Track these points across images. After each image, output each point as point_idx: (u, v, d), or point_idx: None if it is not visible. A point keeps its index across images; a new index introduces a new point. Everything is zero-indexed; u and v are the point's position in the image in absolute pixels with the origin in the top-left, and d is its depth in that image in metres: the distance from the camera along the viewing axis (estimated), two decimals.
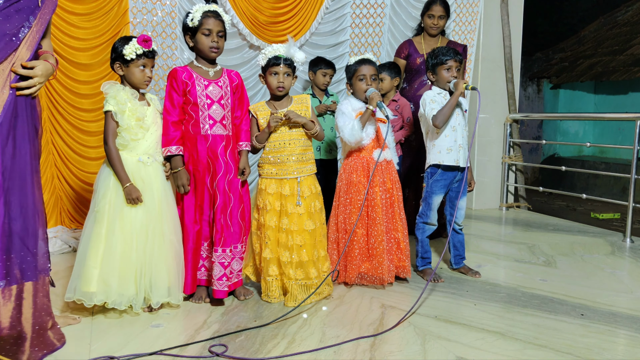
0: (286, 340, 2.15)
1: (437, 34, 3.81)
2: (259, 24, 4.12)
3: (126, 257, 2.34)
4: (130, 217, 2.37)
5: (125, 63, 2.42)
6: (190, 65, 2.59)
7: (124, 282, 2.33)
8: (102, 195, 2.36)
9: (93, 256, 2.31)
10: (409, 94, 3.84)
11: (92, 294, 2.29)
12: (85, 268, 2.30)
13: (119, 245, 2.33)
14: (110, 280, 2.30)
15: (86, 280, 2.29)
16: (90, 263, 2.30)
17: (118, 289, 2.31)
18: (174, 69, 2.55)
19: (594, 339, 2.19)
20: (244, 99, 2.69)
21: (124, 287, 2.33)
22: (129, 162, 2.40)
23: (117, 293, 2.31)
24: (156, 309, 2.43)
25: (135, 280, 2.36)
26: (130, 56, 2.40)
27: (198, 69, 2.57)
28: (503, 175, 5.24)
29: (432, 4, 3.74)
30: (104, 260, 2.31)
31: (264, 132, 2.60)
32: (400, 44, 4.01)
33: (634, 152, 3.95)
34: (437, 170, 2.92)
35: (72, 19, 3.62)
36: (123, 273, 2.33)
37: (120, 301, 2.31)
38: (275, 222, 2.58)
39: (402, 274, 2.86)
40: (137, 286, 2.36)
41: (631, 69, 7.33)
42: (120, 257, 2.32)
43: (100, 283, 2.30)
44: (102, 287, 2.30)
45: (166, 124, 2.52)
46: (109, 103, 2.38)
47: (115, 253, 2.32)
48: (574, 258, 3.48)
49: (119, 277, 2.32)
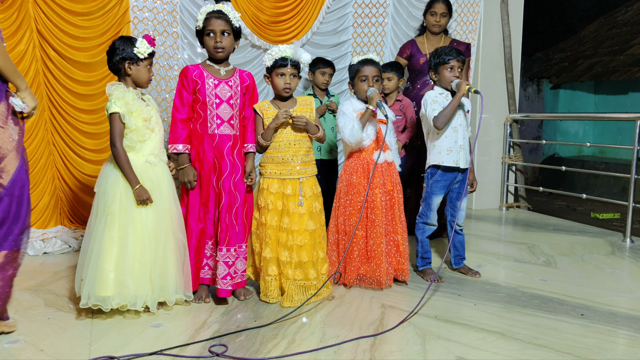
0: (286, 340, 2.15)
1: (440, 32, 3.81)
2: (261, 24, 4.12)
3: (140, 257, 2.34)
4: (142, 218, 2.37)
5: (136, 62, 2.42)
6: (202, 64, 2.60)
7: (140, 283, 2.33)
8: (112, 198, 2.35)
9: (107, 260, 2.29)
10: (412, 93, 3.85)
11: (109, 298, 2.28)
12: (100, 272, 2.28)
13: (133, 246, 2.33)
14: (127, 282, 2.30)
15: (102, 285, 2.28)
16: (106, 267, 2.29)
17: (134, 291, 2.31)
18: (186, 67, 2.57)
19: (594, 339, 2.19)
20: (255, 100, 2.70)
21: (139, 288, 2.33)
22: (136, 163, 2.40)
23: (134, 295, 2.31)
24: (170, 306, 2.45)
25: (151, 280, 2.37)
26: (144, 55, 2.41)
27: (210, 68, 2.58)
28: (503, 175, 5.24)
29: (435, 1, 3.74)
30: (119, 263, 2.31)
31: (270, 129, 2.60)
32: (403, 44, 4.02)
33: (634, 152, 3.95)
34: (437, 170, 2.92)
35: (72, 18, 3.62)
36: (138, 274, 2.33)
37: (135, 302, 2.32)
38: (277, 221, 2.58)
39: (401, 277, 2.86)
40: (152, 285, 2.37)
41: (631, 69, 7.33)
42: (134, 258, 2.32)
43: (116, 286, 2.29)
44: (118, 289, 2.29)
45: (174, 121, 2.53)
46: (115, 105, 2.36)
47: (130, 255, 2.32)
48: (574, 258, 3.48)
49: (135, 278, 2.32)
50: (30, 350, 2.05)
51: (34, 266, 3.18)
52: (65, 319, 2.36)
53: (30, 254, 3.41)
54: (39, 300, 2.59)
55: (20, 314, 2.41)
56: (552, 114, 8.61)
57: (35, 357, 1.99)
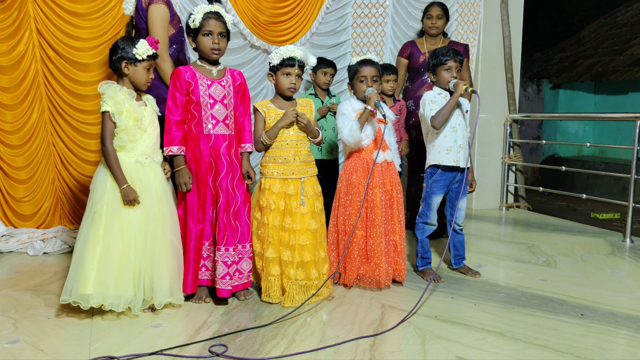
0: (286, 340, 2.15)
1: (437, 34, 3.92)
2: (260, 24, 4.12)
3: (124, 258, 2.33)
4: (128, 218, 2.36)
5: (134, 62, 2.42)
6: (193, 65, 2.59)
7: (122, 284, 2.31)
8: (99, 196, 2.35)
9: (90, 258, 2.29)
10: (410, 92, 3.93)
11: (88, 296, 2.27)
12: (82, 270, 2.28)
13: (117, 246, 2.31)
14: (108, 282, 2.29)
15: (83, 282, 2.27)
16: (88, 265, 2.28)
17: (115, 291, 2.30)
18: (177, 68, 2.56)
19: (594, 339, 2.19)
20: (247, 98, 2.70)
21: (121, 289, 2.31)
22: (126, 163, 2.39)
23: (115, 295, 2.29)
24: (159, 309, 2.43)
25: (134, 282, 2.35)
26: (142, 56, 2.40)
27: (201, 69, 2.57)
28: (503, 175, 5.24)
29: (430, 5, 3.92)
30: (101, 262, 2.30)
31: (277, 128, 2.59)
32: (403, 44, 4.10)
33: (634, 152, 3.95)
34: (437, 170, 2.92)
35: (72, 18, 3.62)
36: (121, 275, 2.32)
37: (117, 303, 2.30)
38: (279, 221, 2.58)
39: (398, 278, 2.85)
40: (135, 288, 2.35)
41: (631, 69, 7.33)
42: (118, 258, 2.31)
43: (97, 285, 2.28)
44: (99, 289, 2.28)
45: (168, 123, 2.52)
46: (106, 103, 2.36)
47: (113, 255, 2.31)
48: (574, 258, 3.48)
49: (117, 279, 2.30)
50: (30, 350, 2.05)
51: (34, 266, 3.18)
52: (65, 319, 2.35)
53: (30, 254, 3.41)
54: (39, 300, 2.59)
55: (20, 314, 2.41)
56: (552, 114, 8.61)
57: (35, 357, 1.99)
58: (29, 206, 3.71)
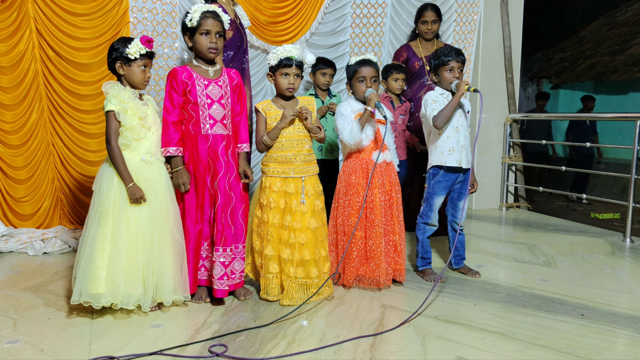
0: (286, 340, 2.15)
1: (432, 38, 3.98)
2: (259, 24, 4.12)
3: (133, 256, 2.34)
4: (135, 217, 2.37)
5: (128, 62, 2.42)
6: (190, 65, 2.59)
7: (132, 282, 2.33)
8: (106, 195, 2.36)
9: (100, 257, 2.30)
10: (409, 96, 3.96)
11: (100, 296, 2.28)
12: (93, 269, 2.29)
13: (125, 245, 2.32)
14: (118, 280, 2.30)
15: (94, 282, 2.28)
16: (98, 264, 2.29)
17: (126, 289, 2.31)
18: (174, 69, 2.55)
19: (594, 339, 2.19)
20: (243, 98, 2.69)
21: (131, 287, 2.32)
22: (131, 161, 2.40)
23: (125, 293, 2.31)
24: (167, 307, 2.44)
25: (143, 280, 2.36)
26: (134, 55, 2.40)
27: (198, 69, 2.57)
28: (503, 175, 5.24)
29: (424, 10, 3.93)
30: (111, 260, 2.31)
31: (277, 129, 2.60)
32: (397, 49, 4.13)
33: (634, 152, 3.95)
34: (439, 171, 2.91)
35: (71, 18, 3.62)
36: (130, 273, 2.33)
37: (128, 301, 2.31)
38: (279, 219, 2.58)
39: (398, 278, 2.85)
40: (144, 285, 2.36)
41: (631, 69, 7.34)
42: (126, 257, 2.32)
43: (108, 284, 2.29)
44: (109, 288, 2.29)
45: (166, 123, 2.51)
46: (110, 103, 2.37)
47: (122, 253, 2.32)
48: (574, 258, 3.48)
49: (127, 277, 2.32)
50: (30, 350, 2.05)
51: (34, 266, 3.18)
52: (65, 319, 2.35)
53: (30, 254, 3.41)
54: (39, 300, 2.59)
55: (20, 314, 2.41)
56: (552, 114, 8.61)
57: (35, 357, 1.99)
58: (29, 206, 3.71)
